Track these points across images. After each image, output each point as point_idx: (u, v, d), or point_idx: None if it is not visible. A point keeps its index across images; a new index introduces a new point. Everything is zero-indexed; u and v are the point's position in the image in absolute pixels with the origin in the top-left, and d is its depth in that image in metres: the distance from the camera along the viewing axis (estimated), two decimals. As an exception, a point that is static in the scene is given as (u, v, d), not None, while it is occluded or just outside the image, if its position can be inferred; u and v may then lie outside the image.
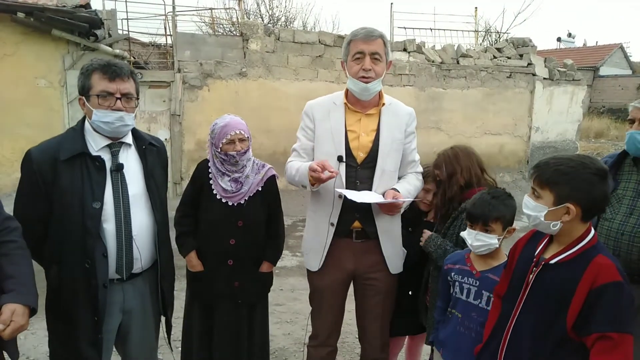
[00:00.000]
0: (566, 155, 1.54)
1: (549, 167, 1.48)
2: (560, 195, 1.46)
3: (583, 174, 1.44)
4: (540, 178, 1.49)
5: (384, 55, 2.13)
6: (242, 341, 2.43)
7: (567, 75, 10.02)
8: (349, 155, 2.15)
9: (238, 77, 7.70)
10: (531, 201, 1.52)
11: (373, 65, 2.08)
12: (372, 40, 2.08)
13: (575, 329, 1.42)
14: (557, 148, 10.20)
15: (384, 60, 2.14)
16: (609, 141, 16.88)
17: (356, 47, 2.10)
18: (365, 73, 2.08)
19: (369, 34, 2.08)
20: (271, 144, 7.94)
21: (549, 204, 1.47)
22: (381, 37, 2.11)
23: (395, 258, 2.26)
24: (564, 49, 28.28)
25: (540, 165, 1.52)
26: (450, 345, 2.00)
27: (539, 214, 1.49)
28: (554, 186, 1.46)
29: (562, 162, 1.48)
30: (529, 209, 1.52)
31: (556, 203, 1.46)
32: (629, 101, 10.47)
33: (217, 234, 2.34)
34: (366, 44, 2.07)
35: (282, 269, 5.00)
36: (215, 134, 2.30)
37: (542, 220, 1.48)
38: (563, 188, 1.45)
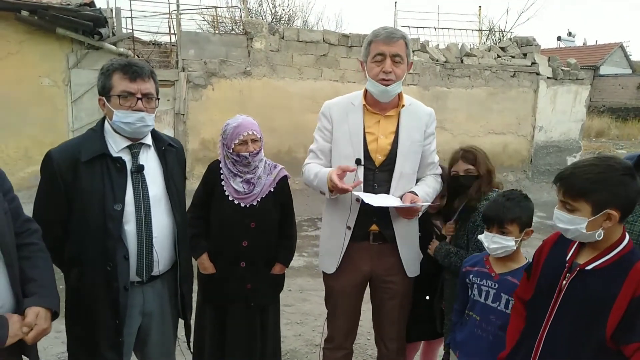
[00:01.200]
0: (587, 161, 1.48)
1: (577, 178, 1.42)
2: (598, 203, 1.40)
3: (614, 176, 1.41)
4: (572, 191, 1.43)
5: (405, 57, 2.09)
6: (254, 343, 2.41)
7: (571, 75, 10.00)
8: (367, 158, 2.12)
9: (242, 76, 7.67)
10: (565, 215, 1.45)
11: (394, 68, 2.04)
12: (393, 41, 2.03)
13: (614, 338, 1.39)
14: (561, 147, 10.19)
15: (405, 62, 2.10)
16: (609, 140, 16.91)
17: (377, 48, 2.05)
18: (385, 75, 2.04)
19: (391, 35, 2.04)
20: (275, 144, 7.91)
21: (588, 214, 1.41)
22: (403, 38, 2.07)
23: (412, 261, 2.24)
24: (564, 48, 28.28)
25: (566, 177, 1.45)
26: (466, 347, 1.98)
27: (579, 227, 1.42)
28: (589, 195, 1.41)
29: (588, 169, 1.42)
30: (565, 223, 1.46)
31: (595, 212, 1.41)
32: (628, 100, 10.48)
33: (230, 236, 2.32)
34: (387, 45, 2.03)
35: (289, 269, 4.92)
36: (227, 134, 2.28)
37: (584, 232, 1.43)
38: (599, 195, 1.40)
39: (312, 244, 5.92)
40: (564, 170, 1.49)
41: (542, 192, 9.08)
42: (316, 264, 5.21)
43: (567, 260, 1.54)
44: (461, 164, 2.26)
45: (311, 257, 5.45)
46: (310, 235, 6.32)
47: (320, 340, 3.49)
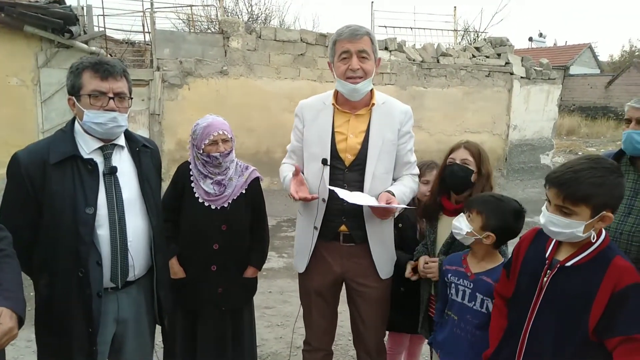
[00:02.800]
0: (582, 164, 1.45)
1: (580, 183, 1.40)
2: (597, 206, 1.41)
3: (612, 179, 1.42)
4: (574, 196, 1.41)
5: (372, 53, 2.04)
6: (226, 348, 2.37)
7: (543, 75, 10.23)
8: (336, 158, 2.09)
9: (219, 75, 7.57)
10: (561, 219, 1.44)
11: (361, 64, 2.00)
12: (358, 38, 1.99)
13: (596, 332, 1.40)
14: (534, 146, 10.41)
15: (372, 58, 2.05)
16: (580, 138, 17.37)
17: (342, 46, 2.01)
18: (352, 73, 2.00)
19: (354, 32, 1.99)
20: (253, 144, 7.85)
21: (586, 217, 1.42)
22: (368, 34, 2.03)
23: (385, 263, 2.20)
24: (536, 48, 28.93)
25: (567, 182, 1.42)
26: (447, 347, 1.99)
27: (575, 230, 1.42)
28: (591, 200, 1.41)
29: (589, 173, 1.41)
30: (560, 227, 1.44)
31: (593, 215, 1.42)
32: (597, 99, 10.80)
33: (200, 239, 2.27)
34: (352, 42, 1.99)
35: (269, 270, 4.93)
36: (197, 134, 2.24)
37: (580, 235, 1.43)
38: (599, 199, 1.41)
39: (291, 245, 5.86)
40: (559, 174, 1.45)
41: (517, 189, 9.26)
42: (296, 264, 5.20)
43: (546, 257, 1.55)
44: (462, 152, 2.10)
45: (291, 258, 5.40)
46: (289, 236, 6.28)
47: (302, 342, 3.48)
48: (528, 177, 10.13)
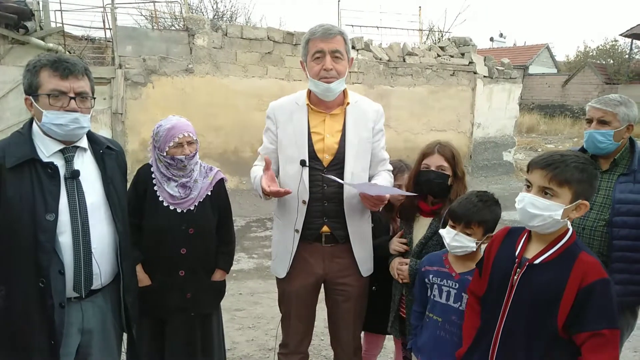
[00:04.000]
0: (565, 152, 1.52)
1: (567, 165, 1.45)
2: (578, 192, 1.45)
3: (592, 170, 1.49)
4: (561, 176, 1.45)
5: (345, 53, 2.04)
6: (196, 354, 2.32)
7: (505, 74, 10.53)
8: (314, 158, 2.07)
9: (184, 73, 7.41)
10: (543, 201, 1.46)
11: (334, 64, 1.99)
12: (331, 38, 1.98)
13: (565, 328, 1.44)
14: (497, 143, 10.71)
15: (346, 58, 2.05)
16: (539, 136, 18.01)
17: (315, 46, 2.00)
18: (326, 73, 1.98)
19: (328, 32, 1.99)
20: (221, 143, 7.73)
21: (566, 201, 1.45)
22: (341, 33, 2.02)
23: (366, 260, 2.21)
24: (496, 48, 29.77)
25: (554, 162, 1.46)
26: (429, 350, 1.94)
27: (554, 213, 1.45)
28: (574, 184, 1.44)
29: (574, 158, 1.47)
30: (540, 209, 1.46)
31: (572, 201, 1.46)
32: (554, 98, 11.21)
33: (166, 244, 2.20)
34: (325, 42, 1.98)
35: (239, 272, 4.86)
36: (160, 136, 2.17)
37: (557, 219, 1.45)
38: (582, 185, 1.45)
39: (261, 245, 5.83)
40: (546, 157, 1.50)
41: (482, 185, 9.49)
42: (267, 265, 5.14)
43: (516, 255, 1.58)
44: (436, 158, 2.10)
45: (261, 259, 5.36)
46: (259, 237, 6.21)
47: (274, 344, 3.44)
48: (492, 173, 10.42)
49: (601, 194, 2.10)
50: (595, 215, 2.11)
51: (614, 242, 2.05)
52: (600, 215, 2.09)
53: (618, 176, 2.09)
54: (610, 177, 2.11)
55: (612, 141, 2.08)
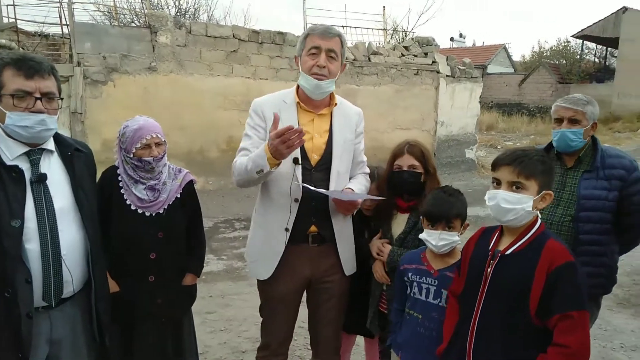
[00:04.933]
0: (527, 148, 1.63)
1: (530, 159, 1.54)
2: (543, 183, 1.56)
3: (551, 163, 1.61)
4: (527, 170, 1.54)
5: (340, 56, 2.06)
6: None
7: (466, 73, 10.82)
8: (303, 157, 2.06)
9: (147, 71, 7.22)
10: (513, 195, 1.54)
11: (328, 63, 2.01)
12: (329, 37, 2.01)
13: (538, 314, 1.49)
14: (460, 141, 10.99)
15: (339, 60, 2.07)
16: (498, 133, 18.61)
17: (313, 41, 2.02)
18: (319, 69, 2.00)
19: (328, 31, 2.03)
20: (186, 143, 7.58)
21: (534, 193, 1.54)
22: (339, 36, 2.05)
23: (350, 259, 2.23)
24: (457, 48, 30.56)
25: (519, 157, 1.55)
26: (409, 347, 1.96)
27: (525, 205, 1.53)
28: (539, 176, 1.54)
29: (535, 152, 1.57)
30: (512, 204, 1.53)
31: (538, 192, 1.55)
32: (512, 97, 11.63)
33: (135, 249, 2.14)
34: (323, 40, 2.00)
35: (208, 274, 4.77)
36: (126, 137, 2.11)
37: (529, 210, 1.53)
38: (545, 177, 1.56)
39: (230, 246, 5.75)
40: (510, 154, 1.59)
41: (445, 182, 9.59)
42: (237, 267, 5.08)
43: (489, 248, 1.64)
44: (407, 158, 2.17)
45: (231, 260, 5.29)
46: (228, 237, 6.13)
47: (248, 346, 3.41)
48: (455, 170, 10.68)
49: (567, 191, 2.19)
50: (562, 211, 2.19)
51: (579, 237, 2.14)
52: (566, 211, 2.18)
53: (582, 173, 2.19)
54: (575, 174, 2.21)
55: (582, 139, 2.17)
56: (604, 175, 2.14)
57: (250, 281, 4.57)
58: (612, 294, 3.03)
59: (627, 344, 3.52)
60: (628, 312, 4.06)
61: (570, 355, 1.44)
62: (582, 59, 28.15)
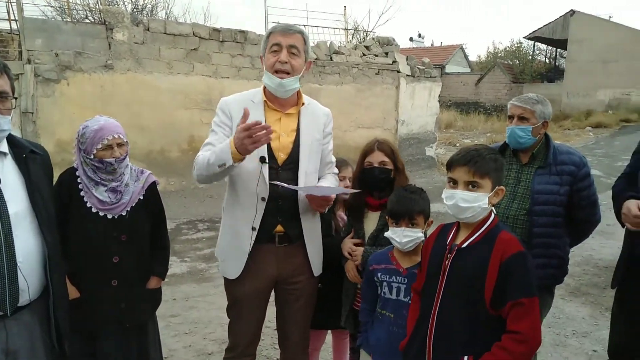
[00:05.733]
0: (478, 146, 1.68)
1: (483, 158, 1.60)
2: (496, 180, 1.63)
3: (502, 160, 1.68)
4: (482, 169, 1.60)
5: (303, 53, 2.06)
6: None
7: (426, 73, 11.07)
8: (270, 156, 2.06)
9: (103, 69, 6.98)
10: (470, 194, 1.60)
11: (290, 59, 2.01)
12: (290, 33, 2.03)
13: (493, 304, 1.55)
14: (420, 139, 11.24)
15: (302, 57, 2.07)
16: (457, 131, 19.16)
17: (274, 39, 2.03)
18: (281, 66, 2.00)
19: (288, 28, 2.05)
20: (146, 143, 7.39)
21: (488, 190, 1.61)
22: (301, 33, 2.06)
23: (317, 259, 2.24)
24: (416, 48, 31.20)
25: (473, 158, 1.61)
26: (382, 347, 1.98)
27: (482, 203, 1.59)
28: (492, 173, 1.61)
29: (487, 151, 1.64)
30: (470, 202, 1.59)
31: (492, 189, 1.62)
32: (469, 96, 12.02)
33: (97, 252, 2.09)
34: (284, 36, 2.02)
35: (171, 277, 4.68)
36: (86, 138, 2.05)
37: (485, 207, 1.60)
38: (497, 174, 1.63)
39: (194, 248, 5.66)
40: (464, 154, 1.63)
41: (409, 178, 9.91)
42: (200, 268, 5.01)
43: (447, 243, 1.70)
44: (377, 155, 2.21)
45: (194, 262, 5.20)
46: (191, 239, 6.02)
47: (214, 348, 3.37)
48: (416, 168, 10.90)
49: (522, 186, 2.29)
50: (517, 205, 2.29)
51: (533, 230, 2.24)
52: (521, 205, 2.28)
53: (536, 169, 2.29)
54: (529, 169, 2.31)
55: (531, 136, 2.28)
56: (556, 171, 2.26)
57: (215, 282, 4.52)
58: (565, 283, 3.20)
59: (579, 331, 3.72)
60: (579, 301, 4.29)
61: (522, 342, 1.51)
62: (534, 59, 29.40)
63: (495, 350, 1.53)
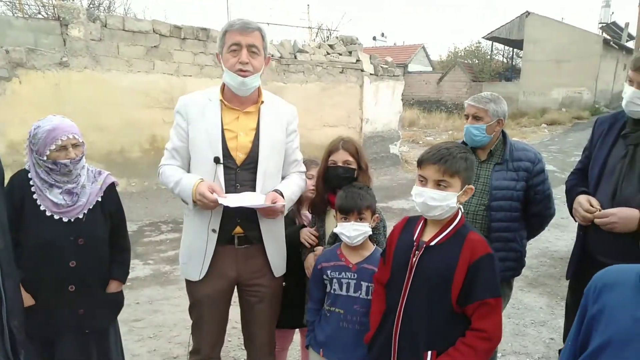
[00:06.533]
0: (448, 144, 1.70)
1: (454, 157, 1.62)
2: (465, 179, 1.65)
3: (472, 158, 1.70)
4: (452, 168, 1.61)
5: (262, 50, 2.04)
6: None
7: (389, 72, 11.22)
8: (227, 157, 2.03)
9: (58, 67, 6.70)
10: (439, 192, 1.61)
11: (250, 59, 1.98)
12: (249, 32, 1.98)
13: (458, 302, 1.60)
14: (384, 137, 11.39)
15: (262, 55, 2.05)
16: (419, 129, 19.52)
17: (232, 38, 1.98)
18: (242, 66, 1.97)
19: (246, 26, 1.98)
20: (105, 143, 7.17)
21: (457, 189, 1.63)
22: (259, 30, 2.02)
23: (279, 260, 2.22)
24: (379, 47, 31.60)
25: (444, 157, 1.62)
26: (333, 343, 2.01)
27: (450, 202, 1.61)
28: (462, 173, 1.63)
29: (458, 149, 1.65)
30: (439, 201, 1.61)
31: (461, 188, 1.65)
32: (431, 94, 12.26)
33: (52, 257, 2.03)
34: (243, 35, 1.97)
35: (134, 280, 4.56)
36: (38, 139, 1.98)
37: (454, 206, 1.63)
38: (467, 173, 1.65)
39: (157, 250, 5.53)
40: (435, 152, 1.65)
41: (372, 178, 10.02)
42: (164, 271, 4.91)
43: (414, 239, 1.72)
44: (342, 154, 2.22)
45: (158, 265, 5.09)
46: (154, 241, 5.88)
47: (179, 351, 3.31)
48: (380, 166, 11.05)
49: (480, 182, 2.37)
50: (477, 200, 2.36)
51: (492, 224, 2.32)
52: (480, 201, 2.35)
53: (494, 165, 2.37)
54: (487, 166, 2.39)
55: (485, 134, 2.35)
56: (512, 167, 2.34)
57: (179, 285, 4.44)
58: (523, 275, 3.33)
59: (537, 320, 3.88)
60: (537, 292, 4.47)
61: (487, 339, 1.58)
62: (492, 59, 30.34)
63: (460, 346, 1.59)
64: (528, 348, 3.45)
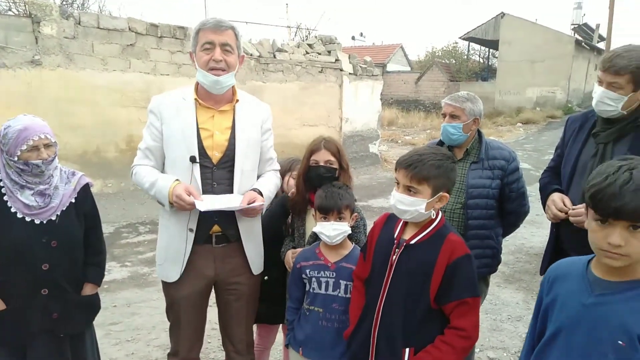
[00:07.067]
0: (425, 150, 1.70)
1: (424, 164, 1.61)
2: (437, 186, 1.64)
3: (449, 165, 1.68)
4: (419, 175, 1.61)
5: (236, 48, 2.03)
6: None
7: (368, 71, 11.29)
8: (203, 156, 2.02)
9: (30, 65, 6.53)
10: (407, 197, 1.63)
11: (224, 57, 1.98)
12: (222, 30, 1.97)
13: (436, 300, 1.63)
14: (364, 136, 11.45)
15: (236, 53, 2.04)
16: (398, 128, 19.70)
17: (205, 36, 1.97)
18: (215, 64, 1.96)
19: (219, 24, 1.98)
20: (80, 143, 7.02)
21: (427, 196, 1.63)
22: (232, 28, 2.02)
23: (257, 258, 2.22)
24: (358, 46, 31.75)
25: (413, 163, 1.62)
26: (313, 342, 2.02)
27: (419, 208, 1.62)
28: (432, 180, 1.62)
29: (430, 156, 1.64)
30: (407, 205, 1.63)
31: (433, 194, 1.64)
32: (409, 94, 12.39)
33: (24, 260, 1.98)
34: (216, 34, 1.96)
35: (111, 283, 4.49)
36: (8, 139, 1.94)
37: (422, 212, 1.63)
38: (439, 180, 1.63)
39: (135, 252, 5.44)
40: (407, 157, 1.66)
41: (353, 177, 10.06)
42: (142, 272, 4.84)
43: (395, 237, 1.74)
44: (323, 154, 2.23)
45: (136, 266, 5.01)
46: (132, 243, 5.79)
47: (158, 354, 3.27)
48: (360, 165, 11.11)
49: (458, 180, 2.39)
50: (453, 199, 2.40)
51: (468, 222, 2.36)
52: (457, 199, 2.39)
53: (470, 164, 2.41)
54: (463, 165, 2.42)
55: (462, 133, 2.39)
56: (488, 166, 2.38)
57: (158, 286, 4.34)
58: (500, 271, 3.39)
59: (513, 315, 3.96)
60: (513, 287, 4.56)
61: (465, 337, 1.61)
62: (469, 59, 30.80)
63: (439, 344, 1.62)
64: (505, 343, 3.52)
